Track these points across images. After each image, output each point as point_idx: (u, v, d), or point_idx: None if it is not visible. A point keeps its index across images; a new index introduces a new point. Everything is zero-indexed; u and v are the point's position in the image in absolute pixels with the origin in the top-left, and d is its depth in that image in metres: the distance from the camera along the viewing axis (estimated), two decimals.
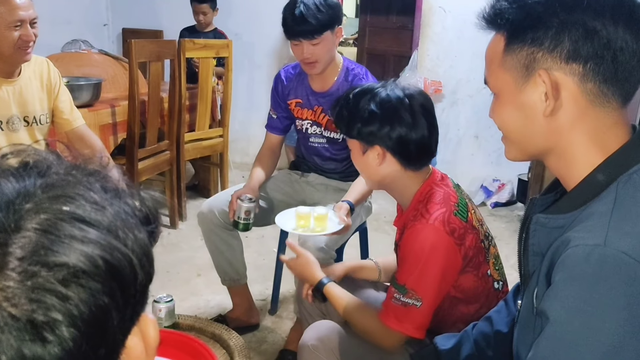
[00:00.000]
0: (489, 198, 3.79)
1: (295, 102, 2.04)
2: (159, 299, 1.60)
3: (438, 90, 3.84)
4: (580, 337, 0.65)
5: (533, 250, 0.79)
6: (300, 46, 1.81)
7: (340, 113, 1.32)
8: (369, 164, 1.30)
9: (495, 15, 0.77)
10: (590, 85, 0.72)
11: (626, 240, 0.65)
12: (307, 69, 1.89)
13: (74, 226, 0.37)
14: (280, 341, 2.10)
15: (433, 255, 1.18)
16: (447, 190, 1.27)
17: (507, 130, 0.82)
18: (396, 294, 1.20)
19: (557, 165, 0.79)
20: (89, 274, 0.36)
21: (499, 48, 0.78)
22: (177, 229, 3.16)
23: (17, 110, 1.81)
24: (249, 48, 4.34)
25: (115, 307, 0.38)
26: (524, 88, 0.76)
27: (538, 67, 0.74)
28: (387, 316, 1.21)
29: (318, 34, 1.78)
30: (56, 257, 0.36)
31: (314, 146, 2.06)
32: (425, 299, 1.18)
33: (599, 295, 0.64)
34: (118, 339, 0.40)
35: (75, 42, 3.22)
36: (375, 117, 1.24)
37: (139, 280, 0.41)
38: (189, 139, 3.19)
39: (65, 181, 0.40)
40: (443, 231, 1.18)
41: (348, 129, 1.30)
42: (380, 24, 5.14)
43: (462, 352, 1.06)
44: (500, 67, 0.78)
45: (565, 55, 0.72)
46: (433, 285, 1.19)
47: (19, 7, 1.68)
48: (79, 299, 0.36)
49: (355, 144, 1.31)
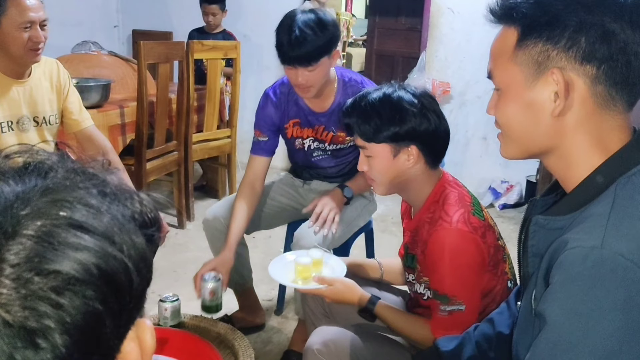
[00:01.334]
0: (497, 200, 3.77)
1: (293, 122, 1.92)
2: (164, 299, 1.61)
3: (446, 91, 3.83)
4: (577, 339, 0.65)
5: (532, 251, 0.78)
6: (294, 71, 1.69)
7: (367, 119, 1.26)
8: (399, 168, 1.28)
9: (510, 9, 0.75)
10: (600, 88, 0.72)
11: (623, 243, 0.65)
12: (300, 92, 1.78)
13: (69, 233, 0.38)
14: (286, 341, 2.11)
15: (464, 257, 1.19)
16: (460, 191, 1.29)
17: (510, 127, 0.80)
18: (441, 305, 1.22)
19: (557, 165, 0.78)
20: (83, 282, 0.37)
21: (510, 42, 0.76)
22: (184, 229, 3.18)
23: (27, 111, 1.84)
24: (257, 49, 4.36)
25: (109, 314, 0.38)
26: (534, 85, 0.74)
27: (551, 66, 0.72)
28: (437, 329, 1.23)
29: (315, 60, 1.65)
30: (50, 265, 0.36)
31: (318, 159, 2.00)
32: (467, 302, 1.20)
33: (595, 298, 0.64)
34: (113, 345, 0.40)
35: (85, 44, 3.25)
36: (412, 114, 1.25)
37: (135, 286, 0.41)
38: (197, 140, 3.21)
39: (63, 185, 0.41)
40: (468, 231, 1.19)
41: (379, 133, 1.26)
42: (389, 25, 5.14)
43: (464, 354, 1.05)
44: (509, 61, 0.76)
45: (581, 55, 0.71)
46: (472, 286, 1.21)
47: (30, 9, 1.71)
48: (71, 306, 0.36)
49: (384, 149, 1.27)
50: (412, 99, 1.26)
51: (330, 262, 1.49)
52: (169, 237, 2.96)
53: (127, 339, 0.42)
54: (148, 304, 0.47)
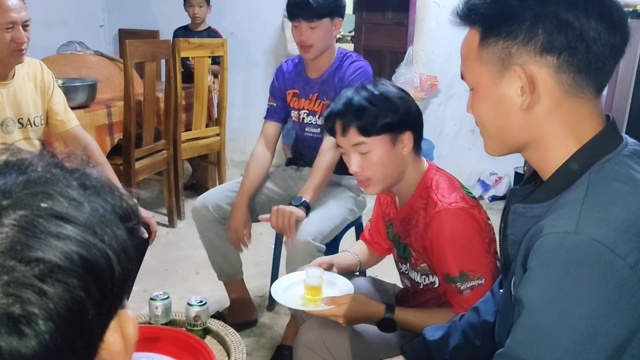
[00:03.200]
0: (487, 192, 3.80)
1: (292, 92, 2.09)
2: (155, 297, 1.62)
3: (434, 85, 3.85)
4: (554, 323, 0.66)
5: (511, 239, 0.80)
6: (299, 28, 1.90)
7: (363, 113, 1.27)
8: (396, 155, 1.30)
9: (469, 11, 0.78)
10: (565, 77, 0.74)
11: (597, 227, 0.66)
12: (302, 52, 1.97)
13: (51, 223, 0.38)
14: (278, 337, 2.12)
15: (471, 232, 1.21)
16: (448, 176, 1.33)
17: (485, 125, 0.82)
18: (462, 284, 1.21)
19: (534, 156, 0.80)
20: (65, 270, 0.37)
21: (474, 43, 0.79)
22: (175, 227, 3.18)
23: (11, 113, 1.83)
24: (245, 46, 4.35)
25: (91, 302, 0.39)
26: (501, 82, 0.77)
27: (513, 62, 0.75)
28: (463, 309, 1.18)
29: (317, 18, 1.86)
30: (32, 253, 0.37)
31: (310, 136, 2.09)
32: (485, 274, 1.21)
33: (571, 282, 0.65)
34: (95, 333, 0.41)
35: (71, 44, 3.23)
36: (402, 101, 1.30)
37: (116, 275, 0.41)
38: (186, 138, 3.21)
39: (44, 178, 0.41)
40: (468, 207, 1.22)
41: (377, 125, 1.27)
42: (376, 21, 5.13)
43: (451, 342, 1.07)
44: (476, 61, 0.79)
45: (540, 47, 0.73)
46: (483, 258, 1.22)
47: (11, 9, 1.69)
48: (55, 293, 0.37)
49: (384, 140, 1.28)
50: (394, 89, 1.32)
51: (333, 280, 1.40)
52: (160, 236, 2.95)
53: (110, 329, 0.43)
54: (139, 303, 0.48)
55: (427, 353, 1.09)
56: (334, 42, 2.02)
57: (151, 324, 1.61)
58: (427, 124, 4.27)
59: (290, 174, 2.17)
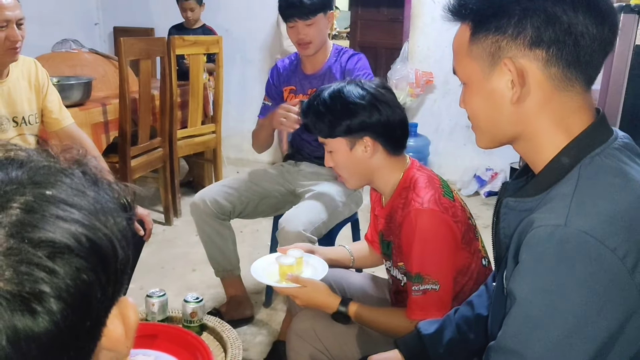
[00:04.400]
0: (483, 187, 3.81)
1: (289, 89, 2.11)
2: (151, 294, 1.62)
3: (429, 81, 3.86)
4: (544, 315, 0.67)
5: (503, 233, 0.81)
6: (295, 27, 1.95)
7: (320, 116, 1.33)
8: (358, 159, 1.32)
9: (460, 7, 0.79)
10: (554, 70, 0.74)
11: (587, 220, 0.67)
12: (301, 50, 2.01)
13: (58, 207, 0.39)
14: (275, 333, 2.13)
15: (436, 236, 1.21)
16: (429, 174, 1.32)
17: (476, 118, 0.83)
18: (414, 285, 1.22)
19: (525, 150, 0.81)
20: (74, 250, 0.38)
21: (464, 38, 0.80)
22: (172, 225, 3.18)
23: (6, 111, 1.83)
24: (240, 43, 4.35)
25: (98, 283, 0.40)
26: (491, 76, 0.78)
27: (503, 56, 0.76)
28: (413, 312, 1.23)
29: (312, 14, 1.91)
30: (42, 234, 0.38)
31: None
32: (441, 280, 1.21)
33: (561, 274, 0.66)
34: (100, 315, 0.42)
35: (66, 42, 3.22)
36: (361, 107, 1.29)
37: (120, 259, 0.43)
38: (182, 136, 3.21)
39: (45, 168, 0.42)
40: (439, 211, 1.22)
41: (332, 128, 1.32)
42: (371, 17, 5.13)
43: (445, 336, 1.08)
44: (467, 56, 0.80)
45: (529, 41, 0.74)
46: (444, 265, 1.22)
47: (5, 8, 1.69)
48: (65, 273, 0.37)
49: (341, 143, 1.33)
50: (361, 92, 1.31)
51: (312, 261, 1.46)
52: (156, 233, 2.96)
53: (111, 316, 0.44)
54: (136, 300, 0.49)
55: (421, 347, 1.09)
56: (328, 38, 2.05)
57: (148, 321, 1.62)
58: (423, 120, 4.30)
59: (287, 169, 2.18)
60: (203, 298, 1.64)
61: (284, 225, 1.79)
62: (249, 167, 3.57)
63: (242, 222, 2.44)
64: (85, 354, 0.41)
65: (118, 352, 0.46)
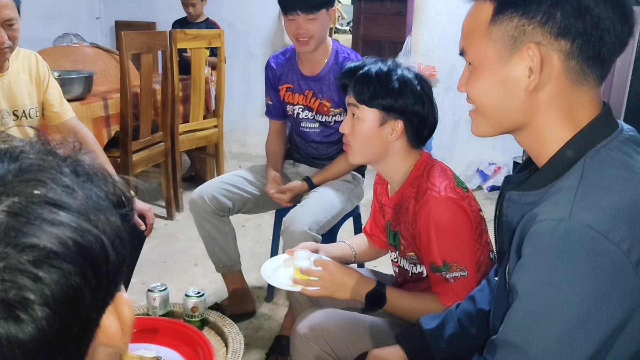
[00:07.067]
0: (486, 182, 3.80)
1: (285, 87, 2.07)
2: (152, 288, 1.62)
3: (432, 75, 3.83)
4: (547, 309, 0.66)
5: (506, 226, 0.80)
6: (295, 21, 1.86)
7: (368, 82, 1.29)
8: (381, 137, 1.31)
9: None
10: (573, 63, 0.72)
11: (590, 214, 0.66)
12: (300, 46, 1.92)
13: (45, 209, 0.38)
14: (277, 328, 2.12)
15: (457, 223, 1.21)
16: (442, 165, 1.33)
17: (483, 104, 0.79)
18: (445, 274, 1.22)
19: (529, 141, 0.79)
20: (60, 255, 0.37)
21: (484, 17, 0.75)
22: (174, 220, 3.18)
23: (6, 105, 1.81)
24: (243, 37, 4.33)
25: (87, 287, 0.39)
26: (509, 61, 0.74)
27: (527, 40, 0.72)
28: (448, 299, 1.20)
29: (316, 9, 1.83)
30: (27, 239, 0.37)
31: (306, 131, 2.09)
32: (468, 266, 1.21)
33: (564, 268, 0.65)
34: (92, 318, 0.41)
35: (67, 36, 3.22)
36: (412, 93, 1.29)
37: (111, 261, 0.41)
38: (184, 130, 3.20)
39: (36, 165, 0.41)
40: (457, 198, 1.22)
41: (375, 98, 1.29)
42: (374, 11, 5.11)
43: (447, 331, 1.07)
44: (483, 37, 0.76)
45: (556, 30, 0.71)
46: (469, 251, 1.22)
47: None
48: (50, 279, 0.37)
49: (373, 115, 1.30)
50: (414, 80, 1.31)
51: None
52: (158, 228, 2.96)
53: (106, 313, 0.43)
54: (138, 295, 0.48)
55: (423, 342, 1.09)
56: (327, 35, 2.00)
57: (149, 315, 1.62)
58: None
59: (286, 169, 2.17)
60: (204, 293, 1.63)
61: (289, 225, 1.78)
62: (251, 162, 3.57)
63: (244, 217, 2.43)
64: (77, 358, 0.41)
65: (116, 348, 0.45)
